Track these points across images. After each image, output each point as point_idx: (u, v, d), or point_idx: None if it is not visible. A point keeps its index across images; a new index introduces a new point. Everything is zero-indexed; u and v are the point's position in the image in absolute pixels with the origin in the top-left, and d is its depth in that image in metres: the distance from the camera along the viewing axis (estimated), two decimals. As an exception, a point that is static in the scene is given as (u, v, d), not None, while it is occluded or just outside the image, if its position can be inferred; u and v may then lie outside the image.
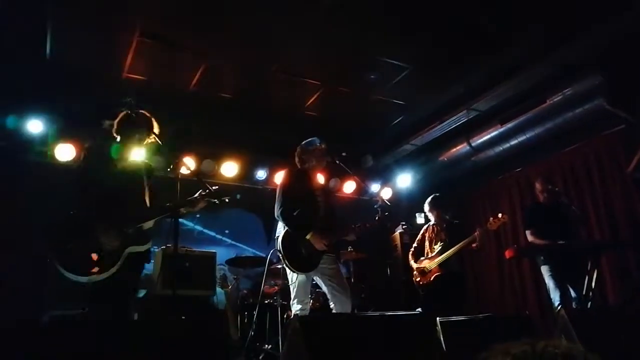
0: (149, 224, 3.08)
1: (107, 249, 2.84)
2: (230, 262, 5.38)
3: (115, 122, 3.20)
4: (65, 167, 5.47)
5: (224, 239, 6.85)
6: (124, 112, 3.20)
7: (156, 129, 3.24)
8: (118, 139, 3.19)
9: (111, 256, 2.85)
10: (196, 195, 3.21)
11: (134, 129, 3.17)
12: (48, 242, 2.82)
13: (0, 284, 4.48)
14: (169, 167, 3.35)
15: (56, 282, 4.22)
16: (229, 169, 6.45)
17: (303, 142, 4.03)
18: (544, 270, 4.51)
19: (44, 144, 5.44)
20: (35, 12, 4.16)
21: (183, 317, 2.33)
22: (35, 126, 5.25)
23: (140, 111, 3.24)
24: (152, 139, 3.21)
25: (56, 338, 2.08)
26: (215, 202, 3.25)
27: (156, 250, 5.20)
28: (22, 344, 1.99)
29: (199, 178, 3.41)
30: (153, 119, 3.26)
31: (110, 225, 2.86)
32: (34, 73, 4.84)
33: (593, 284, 4.30)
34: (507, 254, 4.79)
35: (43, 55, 4.69)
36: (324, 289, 3.73)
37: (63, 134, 5.48)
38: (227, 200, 3.32)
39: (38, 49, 4.61)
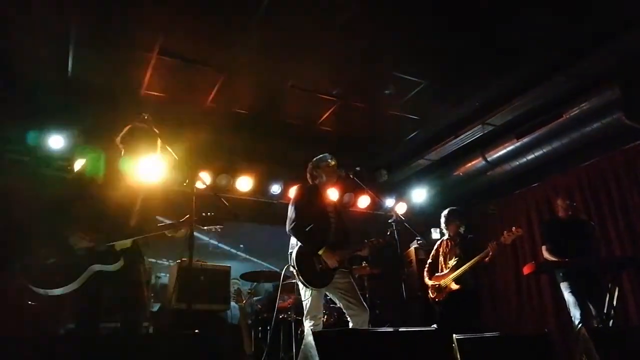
0: (123, 244, 2.99)
1: (67, 263, 2.80)
2: (245, 277, 5.39)
3: (120, 135, 3.19)
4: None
5: (238, 253, 6.87)
6: (129, 126, 3.20)
7: (160, 144, 3.21)
8: (122, 152, 3.19)
9: (70, 271, 2.80)
10: (182, 220, 3.12)
11: (138, 142, 3.16)
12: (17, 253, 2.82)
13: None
14: (185, 182, 3.38)
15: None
16: (244, 183, 6.50)
17: (314, 159, 4.07)
18: (564, 287, 4.43)
19: (65, 158, 5.56)
20: (57, 31, 4.30)
21: (197, 331, 2.33)
22: (56, 141, 5.38)
23: (145, 125, 3.21)
24: (157, 152, 3.19)
25: (71, 351, 2.09)
26: (202, 228, 3.19)
27: (171, 264, 5.25)
28: (38, 357, 2.01)
29: (215, 193, 3.42)
30: (157, 133, 3.22)
31: (80, 238, 2.83)
32: (56, 90, 4.98)
33: (614, 302, 4.19)
34: (525, 270, 4.70)
35: (65, 72, 4.83)
36: (339, 303, 3.71)
37: (83, 149, 5.60)
38: (218, 229, 3.25)
39: (60, 67, 4.75)
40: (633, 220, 5.27)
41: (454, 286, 4.68)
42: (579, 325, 4.15)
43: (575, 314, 4.27)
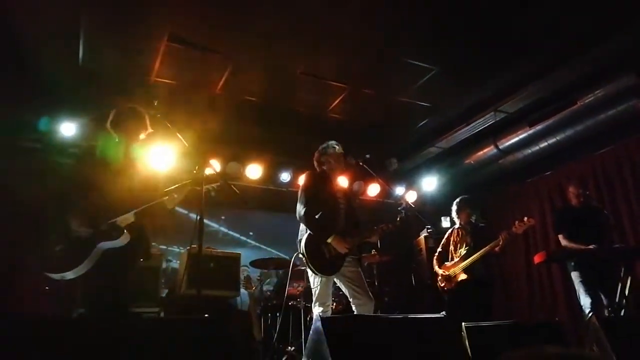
0: (126, 219, 3.03)
1: (74, 246, 2.86)
2: (254, 264, 5.42)
3: (108, 120, 3.23)
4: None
5: (248, 240, 6.92)
6: (114, 110, 3.25)
7: (148, 124, 3.27)
8: (114, 136, 3.24)
9: (78, 252, 2.85)
10: (176, 185, 3.18)
11: (127, 124, 3.22)
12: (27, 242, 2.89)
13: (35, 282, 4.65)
14: (195, 169, 3.39)
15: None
16: (254, 171, 6.52)
17: (320, 146, 4.06)
18: (574, 276, 4.38)
19: (76, 146, 5.61)
20: (68, 18, 4.30)
21: (206, 315, 2.35)
22: (67, 128, 5.42)
23: (133, 106, 3.28)
24: (147, 134, 3.26)
25: (82, 335, 2.12)
26: (197, 189, 3.18)
27: (181, 250, 5.29)
28: (50, 339, 2.04)
29: (225, 180, 3.43)
30: (145, 114, 3.28)
31: (80, 222, 2.88)
32: (67, 77, 5.01)
33: (627, 291, 4.15)
34: (537, 258, 4.67)
35: (76, 60, 4.85)
36: (345, 291, 3.72)
37: (94, 137, 5.65)
38: (214, 188, 3.23)
39: (71, 54, 4.76)
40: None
41: (463, 275, 4.65)
42: (590, 315, 4.11)
43: (586, 303, 4.23)
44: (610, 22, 4.36)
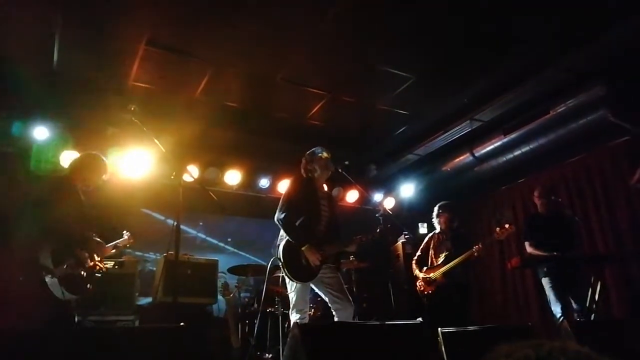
0: None
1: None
2: (232, 270, 5.38)
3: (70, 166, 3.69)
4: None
5: (226, 246, 6.86)
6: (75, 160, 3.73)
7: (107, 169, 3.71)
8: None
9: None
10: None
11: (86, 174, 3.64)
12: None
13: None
14: (172, 175, 3.35)
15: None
16: (233, 177, 6.48)
17: (308, 152, 4.04)
18: (545, 282, 4.47)
19: (50, 150, 5.47)
20: (43, 22, 4.22)
21: (183, 324, 2.32)
22: (40, 133, 5.29)
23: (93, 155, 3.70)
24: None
25: (55, 345, 2.08)
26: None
27: (158, 257, 5.21)
28: (26, 351, 2.00)
29: (203, 186, 3.41)
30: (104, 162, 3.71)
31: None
32: (42, 80, 4.90)
33: (596, 296, 4.27)
34: (512, 263, 4.76)
35: (50, 63, 4.75)
36: (325, 297, 3.71)
37: (69, 141, 5.52)
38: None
39: (46, 58, 4.67)
40: (616, 215, 5.36)
41: (443, 280, 4.71)
42: (561, 319, 4.21)
43: (557, 309, 4.33)
44: (582, 33, 4.49)
